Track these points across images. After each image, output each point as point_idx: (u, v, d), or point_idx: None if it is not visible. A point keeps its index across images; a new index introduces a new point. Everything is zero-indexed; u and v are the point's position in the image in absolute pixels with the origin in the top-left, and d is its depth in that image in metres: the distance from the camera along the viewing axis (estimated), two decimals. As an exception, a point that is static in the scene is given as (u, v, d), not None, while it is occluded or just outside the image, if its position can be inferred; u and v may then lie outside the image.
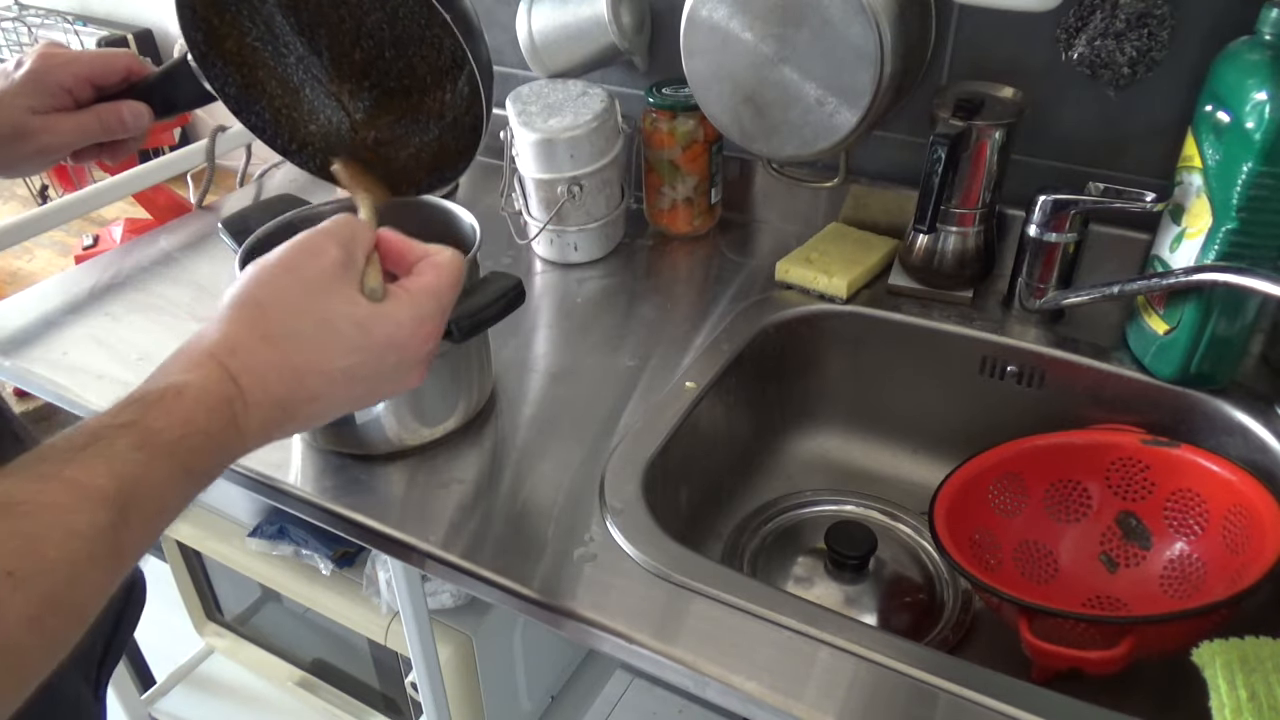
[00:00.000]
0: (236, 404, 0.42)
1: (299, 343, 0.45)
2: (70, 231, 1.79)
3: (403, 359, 0.49)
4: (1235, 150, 0.69)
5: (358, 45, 0.68)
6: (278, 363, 0.44)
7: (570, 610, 0.63)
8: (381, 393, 0.50)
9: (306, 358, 0.45)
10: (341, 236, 0.49)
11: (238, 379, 0.43)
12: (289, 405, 0.45)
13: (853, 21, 0.78)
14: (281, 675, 1.21)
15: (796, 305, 0.92)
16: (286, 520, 1.02)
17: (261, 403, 0.43)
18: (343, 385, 0.46)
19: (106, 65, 0.66)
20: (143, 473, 0.37)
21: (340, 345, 0.46)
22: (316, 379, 0.45)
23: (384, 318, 0.47)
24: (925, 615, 0.80)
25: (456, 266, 0.52)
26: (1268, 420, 0.76)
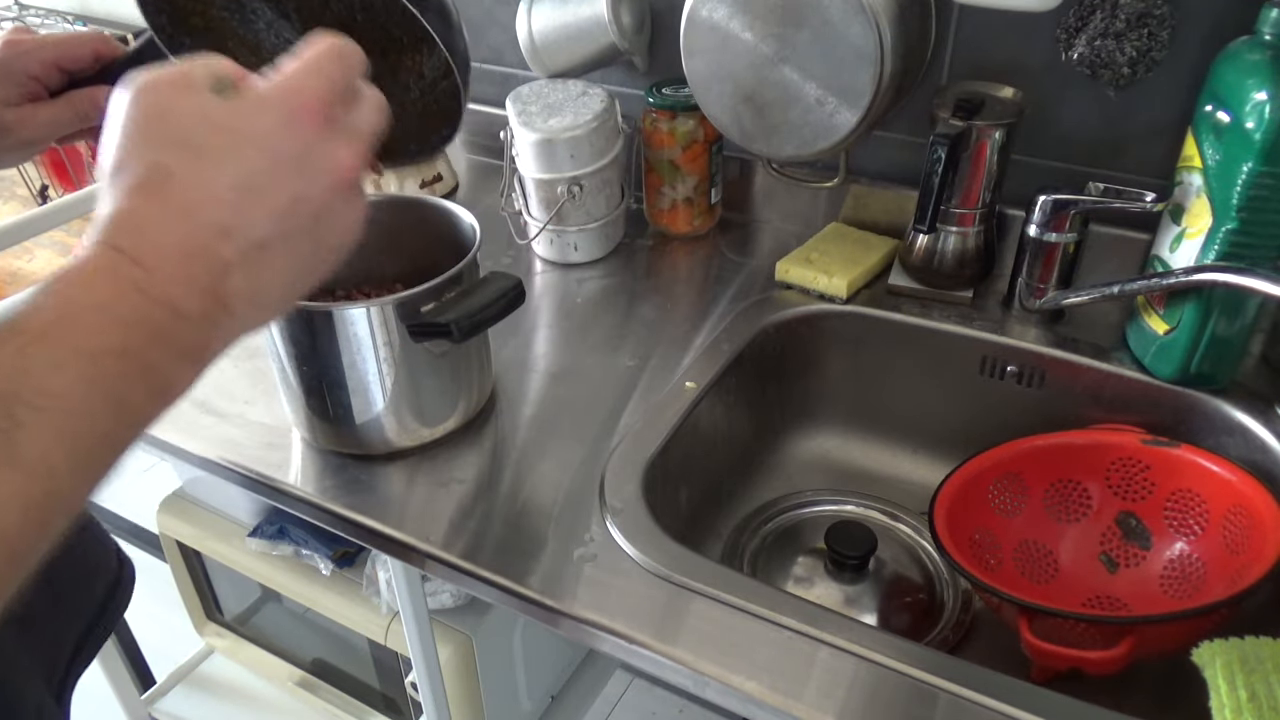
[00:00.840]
0: (123, 268, 0.36)
1: (167, 178, 0.38)
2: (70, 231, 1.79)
3: (299, 143, 0.39)
4: (1235, 150, 0.69)
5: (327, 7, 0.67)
6: (156, 210, 0.37)
7: (570, 610, 0.63)
8: (312, 196, 0.40)
9: (185, 191, 0.37)
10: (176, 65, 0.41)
11: (119, 245, 0.36)
12: (198, 249, 0.37)
13: (853, 21, 0.78)
14: (281, 675, 1.21)
15: (796, 305, 0.92)
16: (286, 520, 1.02)
17: (158, 256, 0.36)
18: (250, 202, 0.38)
19: (74, 48, 0.62)
20: (17, 364, 0.32)
21: (210, 159, 0.38)
22: (208, 207, 0.37)
23: (248, 109, 0.39)
24: (925, 615, 0.80)
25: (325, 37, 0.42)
26: (1268, 420, 0.76)
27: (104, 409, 0.34)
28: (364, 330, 0.68)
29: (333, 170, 0.40)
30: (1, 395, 0.31)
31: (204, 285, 0.37)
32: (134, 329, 0.35)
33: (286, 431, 0.79)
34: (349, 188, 0.41)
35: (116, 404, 0.34)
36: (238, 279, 0.38)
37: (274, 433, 0.79)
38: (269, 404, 0.82)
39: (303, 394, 0.74)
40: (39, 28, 1.55)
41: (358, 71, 0.43)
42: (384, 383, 0.72)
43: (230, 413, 0.81)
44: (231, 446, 0.78)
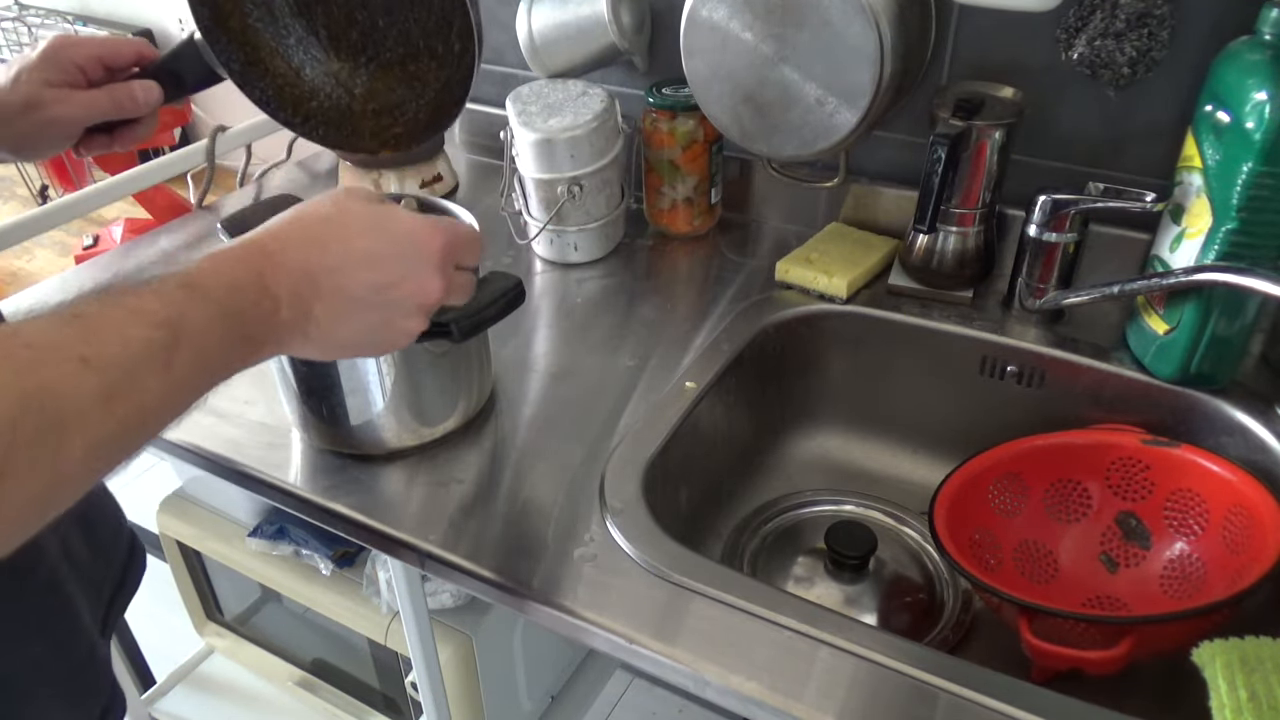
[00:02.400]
0: (263, 265, 0.47)
1: (322, 221, 0.51)
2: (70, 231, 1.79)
3: (418, 254, 0.53)
4: (1235, 150, 0.69)
5: (354, 22, 0.70)
6: (301, 233, 0.50)
7: (570, 610, 0.63)
8: (402, 291, 0.52)
9: (329, 231, 0.50)
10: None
11: (264, 246, 0.48)
12: (313, 271, 0.49)
13: (853, 21, 0.78)
14: (281, 675, 1.21)
15: (796, 305, 0.92)
16: (286, 520, 1.02)
17: (284, 263, 0.48)
18: (364, 265, 0.51)
19: (118, 48, 0.68)
20: (187, 306, 0.43)
21: (360, 226, 0.51)
22: (338, 249, 0.50)
23: (399, 217, 0.53)
24: (925, 615, 0.80)
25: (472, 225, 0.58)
26: (1268, 420, 0.76)
27: (220, 354, 0.45)
28: (364, 330, 0.68)
29: (424, 286, 0.53)
30: (174, 321, 0.42)
31: (303, 299, 0.48)
32: (252, 308, 0.46)
33: (286, 431, 0.79)
34: (422, 304, 0.54)
35: (225, 354, 0.45)
36: (321, 310, 0.49)
37: (274, 433, 0.79)
38: (269, 404, 0.82)
39: (302, 394, 0.74)
40: (38, 28, 1.55)
41: (477, 254, 0.59)
42: (384, 383, 0.72)
43: (230, 413, 0.81)
44: (231, 446, 0.78)
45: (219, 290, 0.45)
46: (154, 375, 0.41)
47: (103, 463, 0.40)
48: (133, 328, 0.41)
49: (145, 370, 0.40)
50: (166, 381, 0.41)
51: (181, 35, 0.68)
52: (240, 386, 0.84)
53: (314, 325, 0.49)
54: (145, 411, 0.41)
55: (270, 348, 0.48)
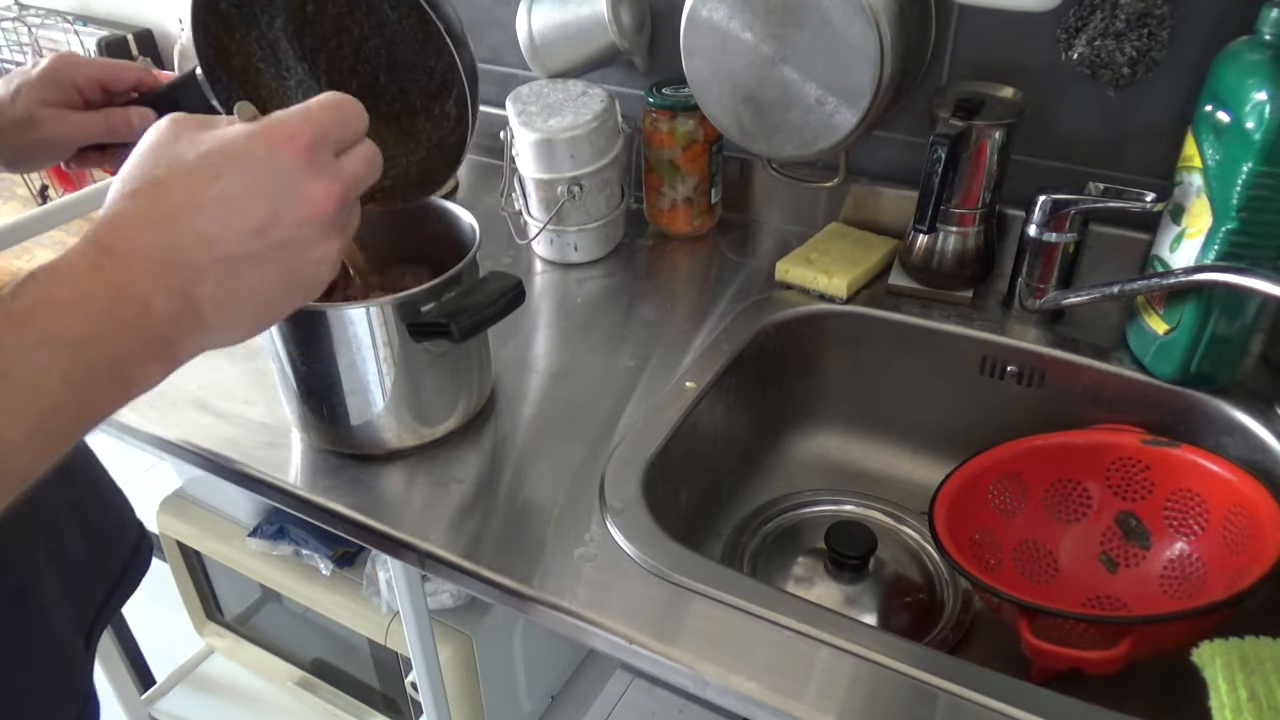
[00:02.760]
0: (104, 264, 0.39)
1: (156, 188, 0.42)
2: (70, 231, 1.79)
3: (279, 170, 0.43)
4: (1235, 150, 0.69)
5: (355, 74, 0.71)
6: (139, 213, 0.41)
7: (570, 610, 0.63)
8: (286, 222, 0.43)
9: (169, 199, 0.41)
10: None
11: (102, 242, 0.40)
12: (175, 253, 0.40)
13: (853, 21, 0.78)
14: (281, 675, 1.21)
15: (796, 305, 0.92)
16: (286, 520, 1.02)
17: (134, 256, 0.39)
18: (227, 215, 0.41)
19: (118, 72, 0.68)
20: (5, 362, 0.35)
21: (199, 175, 0.42)
22: (190, 217, 0.41)
23: (235, 137, 0.43)
24: (925, 615, 0.80)
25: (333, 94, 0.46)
26: (1268, 420, 0.76)
27: (64, 392, 0.36)
28: (364, 330, 0.68)
29: (306, 203, 0.43)
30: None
31: (176, 287, 0.40)
32: (103, 321, 0.38)
33: (286, 431, 0.79)
34: (322, 223, 0.44)
35: (77, 388, 0.37)
36: (210, 286, 0.41)
37: (274, 433, 0.79)
38: (269, 404, 0.82)
39: (302, 394, 0.74)
40: (38, 28, 1.55)
41: (354, 125, 0.46)
42: (384, 383, 0.72)
43: (230, 413, 0.81)
44: (231, 446, 0.78)
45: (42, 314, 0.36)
46: None
47: None
48: None
49: None
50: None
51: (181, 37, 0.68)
52: (240, 386, 0.84)
53: (207, 305, 0.41)
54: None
55: (157, 359, 0.40)
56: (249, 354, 0.87)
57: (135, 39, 1.51)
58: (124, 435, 0.81)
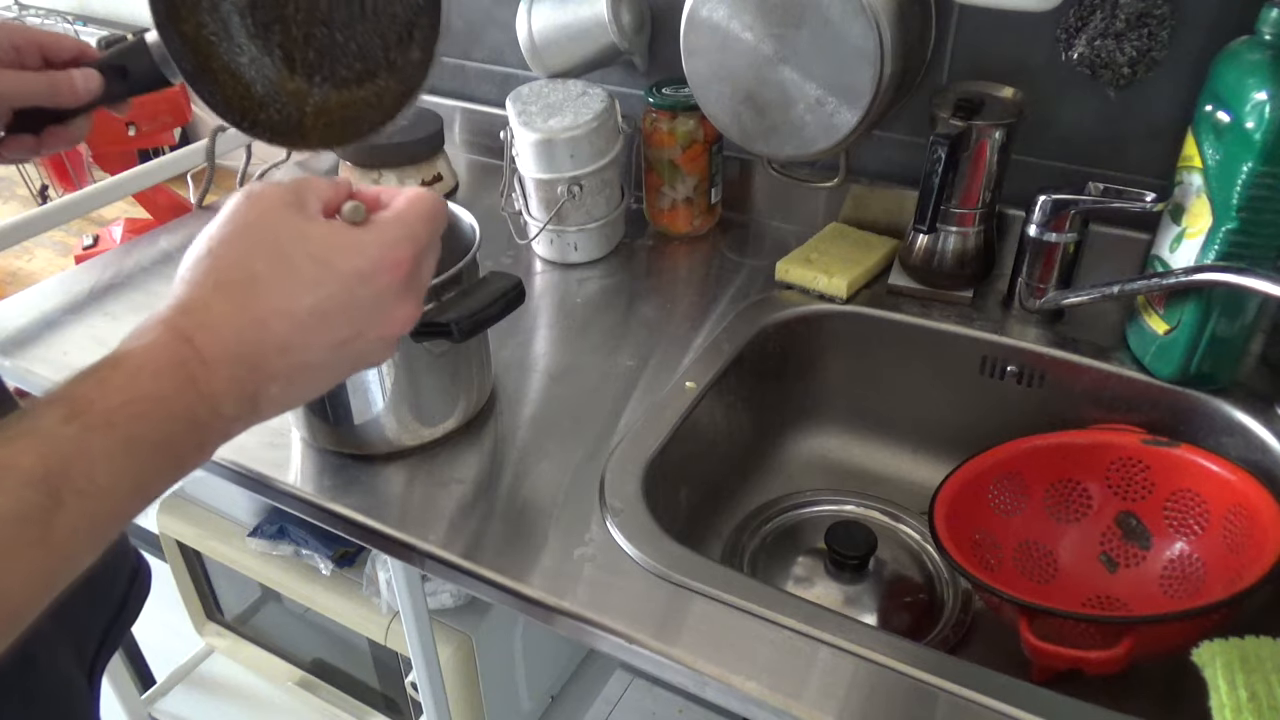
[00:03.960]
0: (191, 364, 0.38)
1: (254, 286, 0.41)
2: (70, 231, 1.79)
3: (376, 292, 0.43)
4: (1235, 150, 0.69)
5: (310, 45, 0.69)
6: (233, 312, 0.40)
7: (570, 610, 0.63)
8: (367, 338, 0.44)
9: (266, 301, 0.40)
10: (287, 183, 0.45)
11: (190, 338, 0.39)
12: (257, 359, 0.40)
13: (853, 21, 0.78)
14: (281, 675, 1.21)
15: (796, 305, 0.92)
16: (286, 520, 1.02)
17: (223, 359, 0.39)
18: (316, 328, 0.41)
19: (60, 40, 0.63)
20: (75, 447, 0.34)
21: (300, 281, 0.41)
22: (281, 323, 0.41)
23: (345, 246, 0.43)
24: (925, 615, 0.80)
25: (430, 196, 0.47)
26: (1268, 420, 0.76)
27: (130, 494, 0.36)
28: (364, 330, 0.68)
29: (391, 324, 0.44)
30: (54, 475, 0.33)
31: (248, 392, 0.40)
32: (179, 423, 0.38)
33: (286, 431, 0.79)
34: (395, 339, 0.45)
35: (141, 490, 0.37)
36: (275, 390, 0.41)
37: (274, 433, 0.79)
38: (269, 404, 0.81)
39: (303, 394, 0.74)
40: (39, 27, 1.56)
41: (441, 231, 0.47)
42: (384, 383, 0.72)
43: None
44: (231, 446, 0.76)
45: (123, 418, 0.35)
46: (25, 557, 0.32)
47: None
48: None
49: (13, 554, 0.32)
50: (45, 558, 0.33)
51: None
52: (240, 386, 0.84)
53: (267, 404, 0.42)
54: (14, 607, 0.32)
55: (210, 449, 0.40)
56: (249, 354, 0.87)
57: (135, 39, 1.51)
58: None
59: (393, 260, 0.44)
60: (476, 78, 1.21)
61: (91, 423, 0.35)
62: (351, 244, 0.43)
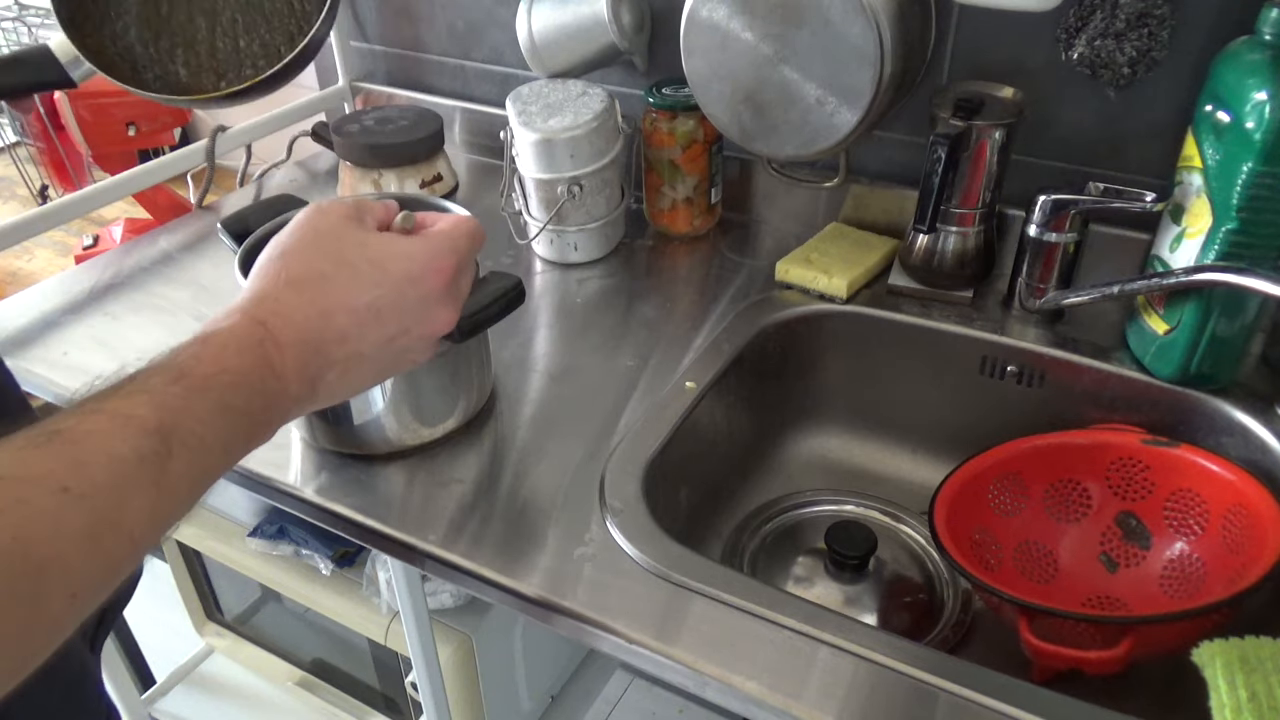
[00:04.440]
0: (267, 344, 0.44)
1: (321, 284, 0.47)
2: (70, 231, 1.79)
3: (422, 294, 0.50)
4: (1235, 150, 0.69)
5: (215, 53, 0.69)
6: (303, 304, 0.46)
7: (570, 610, 0.63)
8: (412, 335, 0.50)
9: (330, 297, 0.47)
10: (348, 199, 0.52)
11: (265, 322, 0.45)
12: (321, 345, 0.46)
13: (853, 21, 0.78)
14: (281, 675, 1.21)
15: (796, 305, 0.92)
16: (286, 520, 1.02)
17: (292, 342, 0.45)
18: (371, 323, 0.48)
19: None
20: (181, 404, 0.39)
21: (360, 281, 0.48)
22: (343, 317, 0.47)
23: (398, 254, 0.50)
24: (925, 615, 0.80)
25: (472, 220, 0.55)
26: (1268, 420, 0.76)
27: (220, 452, 0.41)
28: (364, 330, 0.68)
29: (432, 323, 0.52)
30: (166, 427, 0.38)
31: (310, 375, 0.46)
32: (257, 395, 0.43)
33: (286, 431, 0.79)
34: (435, 339, 0.53)
35: (228, 451, 0.42)
36: (332, 376, 0.47)
37: (274, 433, 0.79)
38: (269, 404, 0.81)
39: (303, 394, 0.74)
40: (38, 28, 1.55)
41: (480, 250, 0.56)
42: (384, 383, 0.72)
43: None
44: (231, 446, 0.78)
45: (216, 386, 0.41)
46: (144, 494, 0.36)
47: (85, 606, 0.35)
48: (119, 440, 0.36)
49: (135, 490, 0.36)
50: (158, 499, 0.37)
51: None
52: (240, 386, 0.84)
53: (324, 390, 0.48)
54: (135, 539, 0.36)
55: (276, 425, 0.46)
56: (249, 354, 0.87)
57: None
58: (124, 435, 0.81)
59: (438, 267, 0.51)
60: (476, 78, 1.21)
61: (194, 385, 0.40)
62: (404, 252, 0.50)
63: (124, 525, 0.35)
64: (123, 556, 0.36)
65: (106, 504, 0.35)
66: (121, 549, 0.36)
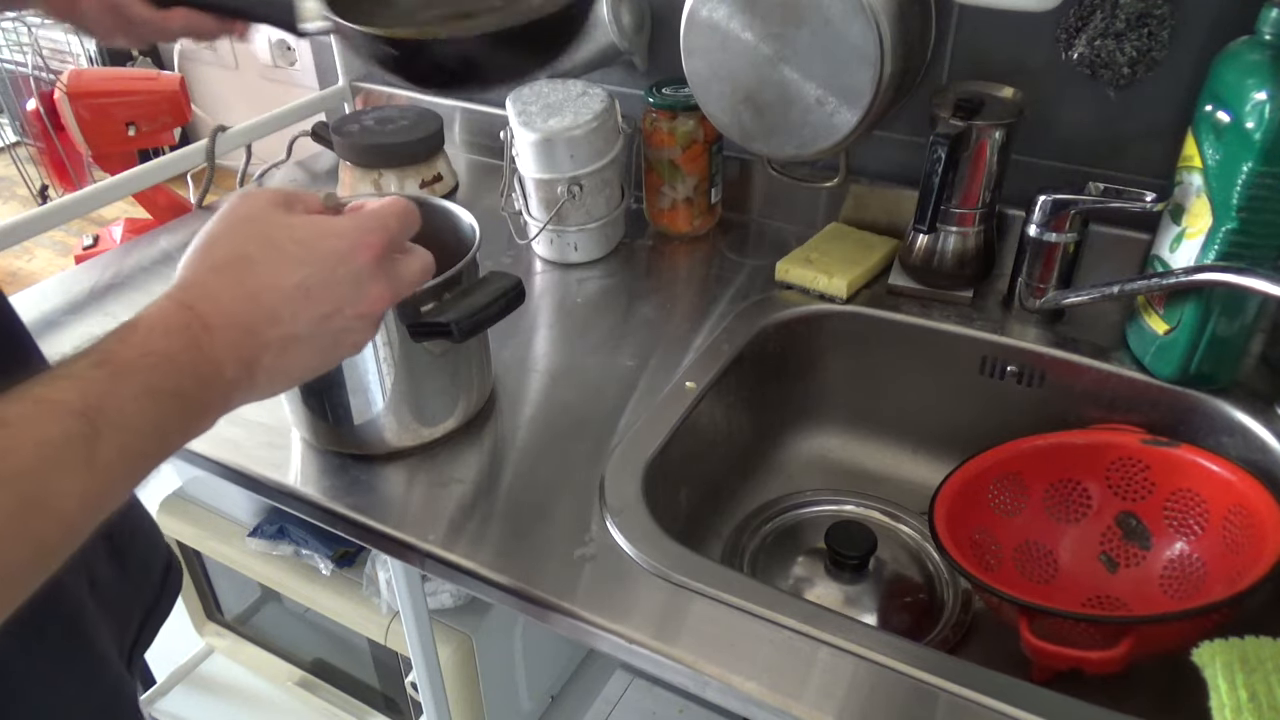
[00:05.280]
0: (194, 327, 0.44)
1: (248, 266, 0.47)
2: (70, 231, 1.79)
3: (352, 271, 0.49)
4: (1235, 150, 0.69)
5: None
6: (230, 286, 0.46)
7: (570, 610, 0.63)
8: (346, 314, 0.50)
9: (258, 278, 0.47)
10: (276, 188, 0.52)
11: (192, 306, 0.45)
12: (252, 327, 0.46)
13: (853, 21, 0.78)
14: (281, 675, 1.21)
15: (796, 305, 0.92)
16: (286, 520, 1.02)
17: (222, 325, 0.45)
18: (302, 302, 0.48)
19: None
20: (106, 388, 0.39)
21: (287, 261, 0.48)
22: (271, 296, 0.47)
23: (325, 233, 0.49)
24: (925, 615, 0.80)
25: (403, 200, 0.54)
26: (1268, 420, 0.76)
27: (153, 436, 0.41)
28: (364, 330, 0.68)
29: (366, 301, 0.50)
30: (91, 409, 0.38)
31: (245, 357, 0.46)
32: (188, 378, 0.43)
33: (286, 431, 0.79)
34: (372, 318, 0.51)
35: (161, 435, 0.42)
36: (269, 358, 0.47)
37: (274, 433, 0.79)
38: (269, 404, 0.81)
39: (302, 394, 0.74)
40: (38, 28, 1.55)
41: (414, 230, 0.54)
42: (384, 383, 0.72)
43: (230, 413, 0.81)
44: (231, 446, 0.78)
45: (143, 368, 0.41)
46: (74, 475, 0.37)
47: (16, 591, 0.35)
48: (46, 424, 0.36)
49: (63, 472, 0.36)
50: (89, 480, 0.37)
51: None
52: (240, 386, 0.84)
53: (263, 374, 0.47)
54: (66, 521, 0.37)
55: (216, 412, 0.46)
56: (249, 354, 0.87)
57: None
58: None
59: (366, 243, 0.50)
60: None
61: (118, 369, 0.40)
62: (331, 230, 0.50)
63: (53, 507, 0.36)
64: (55, 539, 0.37)
65: (33, 486, 0.35)
66: (52, 531, 0.36)
